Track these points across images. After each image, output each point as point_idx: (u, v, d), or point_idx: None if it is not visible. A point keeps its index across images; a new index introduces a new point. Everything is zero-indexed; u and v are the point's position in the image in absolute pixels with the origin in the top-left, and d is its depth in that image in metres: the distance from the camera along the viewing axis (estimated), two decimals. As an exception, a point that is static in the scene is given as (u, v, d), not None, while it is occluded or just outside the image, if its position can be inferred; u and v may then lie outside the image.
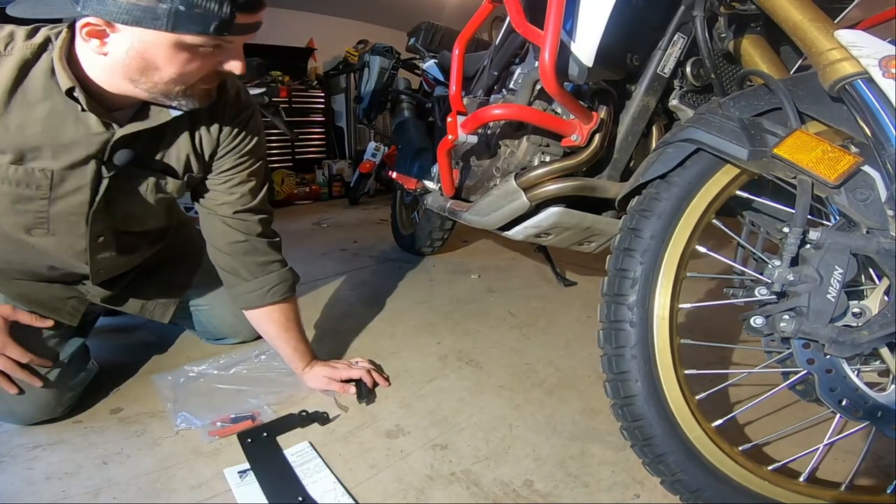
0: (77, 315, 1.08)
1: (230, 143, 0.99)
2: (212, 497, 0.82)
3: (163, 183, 0.96)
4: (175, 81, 0.79)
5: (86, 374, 1.08)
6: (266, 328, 1.12)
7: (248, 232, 1.05)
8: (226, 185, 1.02)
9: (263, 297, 1.08)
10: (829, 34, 0.70)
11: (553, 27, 0.87)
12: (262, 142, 1.06)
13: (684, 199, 0.75)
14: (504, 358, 1.31)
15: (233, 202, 1.03)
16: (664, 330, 0.73)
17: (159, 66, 0.76)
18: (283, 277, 1.10)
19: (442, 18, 3.70)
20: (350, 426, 1.01)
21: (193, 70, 0.78)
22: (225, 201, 1.03)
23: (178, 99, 0.82)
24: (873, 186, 0.65)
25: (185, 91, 0.81)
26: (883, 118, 0.63)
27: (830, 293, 0.65)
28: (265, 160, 1.09)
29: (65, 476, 0.86)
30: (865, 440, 0.73)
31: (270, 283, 1.08)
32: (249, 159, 1.03)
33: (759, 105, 0.74)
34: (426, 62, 2.13)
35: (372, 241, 2.64)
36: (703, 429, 0.72)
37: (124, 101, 0.84)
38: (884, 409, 0.66)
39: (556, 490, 0.84)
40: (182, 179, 0.97)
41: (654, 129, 1.10)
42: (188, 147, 0.95)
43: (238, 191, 1.03)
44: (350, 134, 4.56)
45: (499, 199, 1.12)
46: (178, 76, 0.78)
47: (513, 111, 1.05)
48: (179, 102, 0.84)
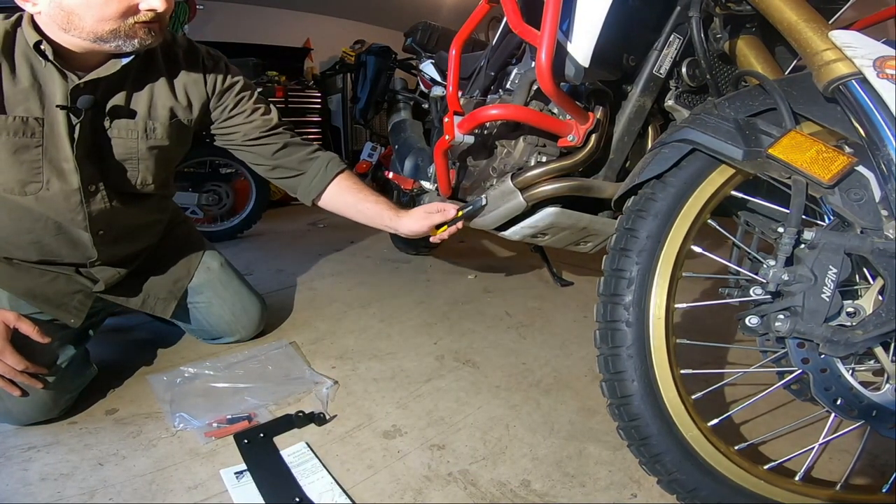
0: (83, 310, 1.09)
1: (221, 89, 1.12)
2: (208, 498, 0.82)
3: (151, 128, 1.03)
4: (100, 23, 0.85)
5: (84, 378, 1.08)
6: (345, 199, 1.23)
7: (282, 141, 1.19)
8: (241, 120, 1.15)
9: (325, 176, 1.21)
10: (823, 35, 0.70)
11: (550, 27, 0.87)
12: (244, 78, 1.18)
13: (680, 199, 0.75)
14: (501, 358, 1.31)
15: (256, 128, 1.16)
16: (660, 330, 0.73)
17: (77, 12, 0.83)
18: (331, 156, 1.24)
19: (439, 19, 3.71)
20: (347, 426, 1.01)
21: (113, 11, 0.84)
22: (248, 132, 1.16)
23: (115, 41, 0.88)
24: (867, 187, 0.65)
25: (116, 32, 0.87)
26: (877, 118, 0.63)
27: (825, 293, 0.65)
28: (255, 88, 1.21)
29: (60, 477, 0.85)
30: (860, 439, 0.73)
31: (324, 163, 1.22)
32: (245, 93, 1.16)
33: (754, 105, 0.75)
34: (423, 62, 2.13)
35: (368, 241, 2.64)
36: (699, 428, 0.72)
37: (90, 56, 0.93)
38: (878, 408, 0.67)
39: (554, 490, 0.84)
40: (168, 125, 1.05)
41: (650, 129, 1.10)
42: (169, 98, 1.05)
43: (254, 118, 1.16)
44: (347, 134, 4.55)
45: (495, 199, 1.12)
46: (100, 18, 0.84)
47: (509, 111, 1.05)
48: (119, 45, 0.89)
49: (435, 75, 2.02)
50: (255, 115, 1.17)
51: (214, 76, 1.11)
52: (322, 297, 1.77)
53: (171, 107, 1.06)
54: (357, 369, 1.24)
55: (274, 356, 1.17)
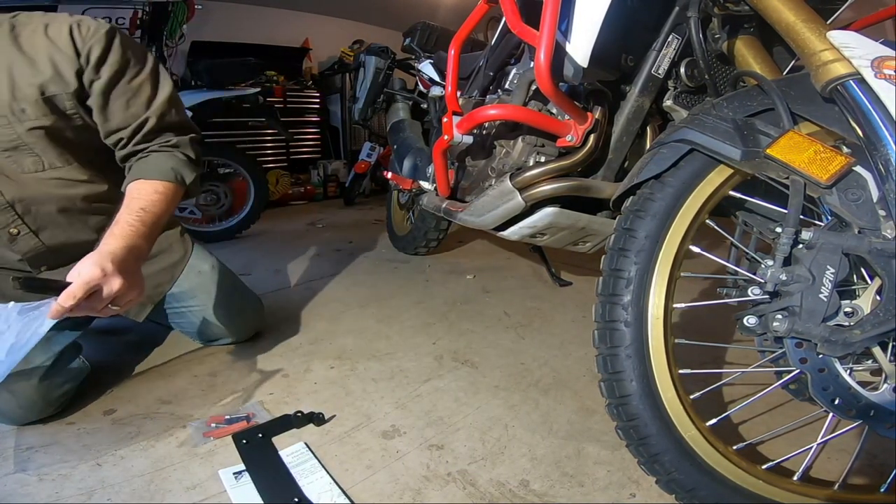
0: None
1: (97, 60, 0.96)
2: (207, 498, 0.82)
3: (18, 109, 0.93)
4: None
5: (75, 373, 1.07)
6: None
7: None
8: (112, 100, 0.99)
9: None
10: (821, 35, 0.70)
11: (548, 28, 0.87)
12: (130, 54, 1.01)
13: (678, 199, 0.75)
14: (500, 358, 1.31)
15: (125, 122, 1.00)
16: (658, 330, 0.73)
17: None
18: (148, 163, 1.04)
19: (437, 19, 3.71)
20: (346, 427, 1.01)
21: None
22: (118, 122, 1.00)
23: None
24: (865, 187, 0.66)
25: None
26: (875, 119, 0.63)
27: (823, 293, 0.65)
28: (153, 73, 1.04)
29: (58, 477, 0.85)
30: (858, 439, 0.74)
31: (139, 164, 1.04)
32: (129, 69, 1.00)
33: (753, 106, 0.75)
34: (422, 62, 2.13)
35: (367, 241, 2.64)
36: (697, 428, 0.72)
37: None
38: (876, 408, 0.67)
39: (553, 490, 0.84)
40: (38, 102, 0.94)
41: (649, 129, 1.10)
42: (33, 74, 0.93)
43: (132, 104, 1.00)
44: (345, 134, 4.56)
45: (494, 199, 1.12)
46: None
47: (508, 111, 1.05)
48: None
49: (434, 75, 2.02)
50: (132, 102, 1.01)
51: (89, 45, 0.96)
52: (320, 297, 1.77)
53: (37, 83, 0.94)
54: (356, 369, 1.24)
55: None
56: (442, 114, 1.32)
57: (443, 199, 1.42)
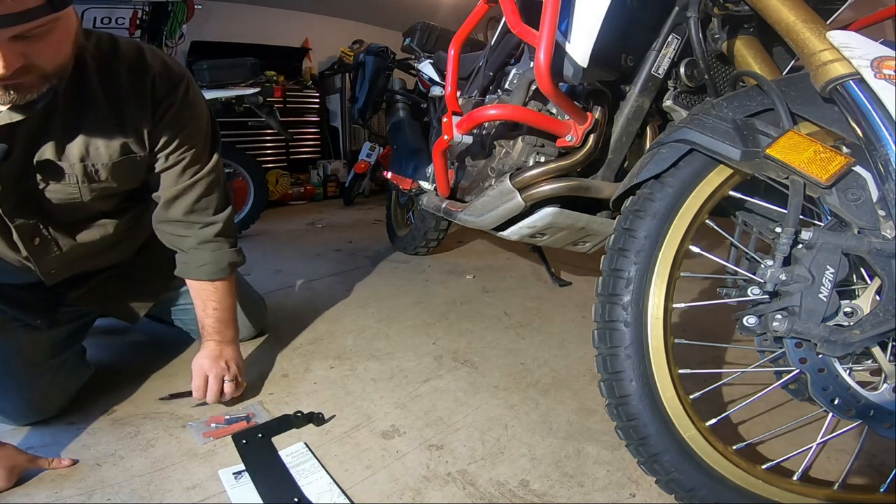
0: (51, 314, 1.04)
1: (165, 125, 0.94)
2: (206, 498, 0.81)
3: (92, 170, 0.90)
4: None
5: (78, 374, 1.08)
6: (195, 298, 1.14)
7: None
8: (169, 179, 1.00)
9: (194, 271, 1.10)
10: (821, 35, 0.70)
11: (548, 28, 0.87)
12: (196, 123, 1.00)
13: (678, 199, 0.75)
14: (499, 358, 1.31)
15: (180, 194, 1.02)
16: (658, 329, 0.73)
17: None
18: (219, 258, 1.11)
19: (437, 19, 3.71)
20: (345, 427, 1.01)
21: None
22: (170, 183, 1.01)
23: None
24: (865, 187, 0.66)
25: None
26: (874, 119, 0.63)
27: (822, 293, 0.65)
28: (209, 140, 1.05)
29: (58, 478, 0.85)
30: (858, 439, 0.74)
31: (204, 261, 1.10)
32: (188, 151, 0.99)
33: (752, 106, 0.75)
34: (421, 62, 2.13)
35: (367, 241, 2.64)
36: (697, 428, 0.72)
37: None
38: (876, 408, 0.67)
39: (552, 490, 0.84)
40: (112, 165, 0.91)
41: (649, 129, 1.10)
42: (113, 131, 0.89)
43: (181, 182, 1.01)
44: (345, 134, 4.56)
45: (494, 199, 1.12)
46: None
47: (508, 111, 1.05)
48: None
49: (433, 75, 2.02)
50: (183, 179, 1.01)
51: (164, 106, 0.93)
52: (320, 297, 1.77)
53: (117, 142, 0.90)
54: (355, 369, 1.24)
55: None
56: (442, 114, 1.32)
57: (442, 199, 1.42)
